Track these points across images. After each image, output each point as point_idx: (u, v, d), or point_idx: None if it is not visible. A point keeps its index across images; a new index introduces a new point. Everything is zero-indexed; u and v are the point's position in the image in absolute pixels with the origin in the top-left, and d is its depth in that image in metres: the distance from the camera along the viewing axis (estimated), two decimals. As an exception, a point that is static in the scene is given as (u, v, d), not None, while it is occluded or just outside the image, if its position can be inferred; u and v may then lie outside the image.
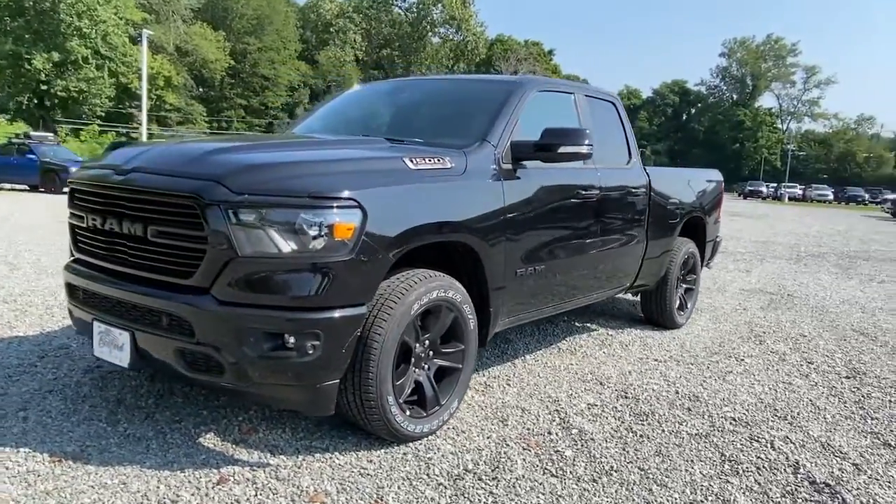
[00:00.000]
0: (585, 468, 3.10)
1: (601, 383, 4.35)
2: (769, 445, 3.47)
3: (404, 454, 3.12)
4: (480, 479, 2.92)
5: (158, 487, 2.71)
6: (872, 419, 3.95)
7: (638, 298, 6.31)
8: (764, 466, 3.21)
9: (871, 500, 2.93)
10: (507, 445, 3.28)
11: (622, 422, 3.69)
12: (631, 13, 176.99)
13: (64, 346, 4.48)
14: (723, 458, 3.29)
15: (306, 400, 2.92)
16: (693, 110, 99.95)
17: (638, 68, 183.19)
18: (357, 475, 2.89)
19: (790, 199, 61.87)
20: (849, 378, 4.78)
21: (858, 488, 3.04)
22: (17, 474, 2.74)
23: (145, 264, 2.91)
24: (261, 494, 2.71)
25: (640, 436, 3.51)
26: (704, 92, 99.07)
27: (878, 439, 3.64)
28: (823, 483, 3.07)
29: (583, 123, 4.49)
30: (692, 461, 3.23)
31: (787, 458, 3.32)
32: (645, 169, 5.26)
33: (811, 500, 2.90)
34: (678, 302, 5.99)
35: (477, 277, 3.50)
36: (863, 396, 4.38)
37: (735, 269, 10.22)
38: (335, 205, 2.75)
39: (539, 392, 4.09)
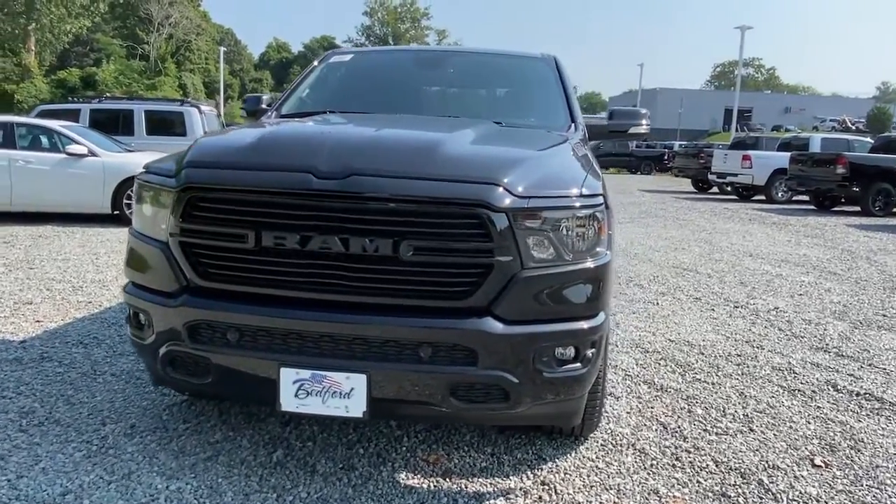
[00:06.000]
0: (735, 419, 3.46)
1: (616, 344, 4.72)
2: (792, 372, 4.26)
3: (602, 445, 3.11)
4: (689, 452, 3.09)
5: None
6: (826, 344, 5.07)
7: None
8: (817, 389, 3.96)
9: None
10: (658, 422, 3.48)
11: (684, 377, 4.13)
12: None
13: (28, 410, 3.23)
14: (785, 389, 3.96)
15: (569, 412, 2.74)
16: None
17: (288, 22, 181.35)
18: (609, 477, 2.83)
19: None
20: (774, 310, 5.92)
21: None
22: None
23: (392, 289, 2.36)
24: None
25: (712, 384, 4.00)
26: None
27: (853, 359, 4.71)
28: (866, 392, 3.93)
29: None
30: (775, 397, 3.83)
31: (818, 379, 4.13)
32: None
33: (866, 408, 3.72)
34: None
35: None
36: (788, 322, 5.52)
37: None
38: (599, 202, 2.58)
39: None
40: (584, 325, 2.51)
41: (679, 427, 3.35)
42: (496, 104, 3.92)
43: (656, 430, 3.31)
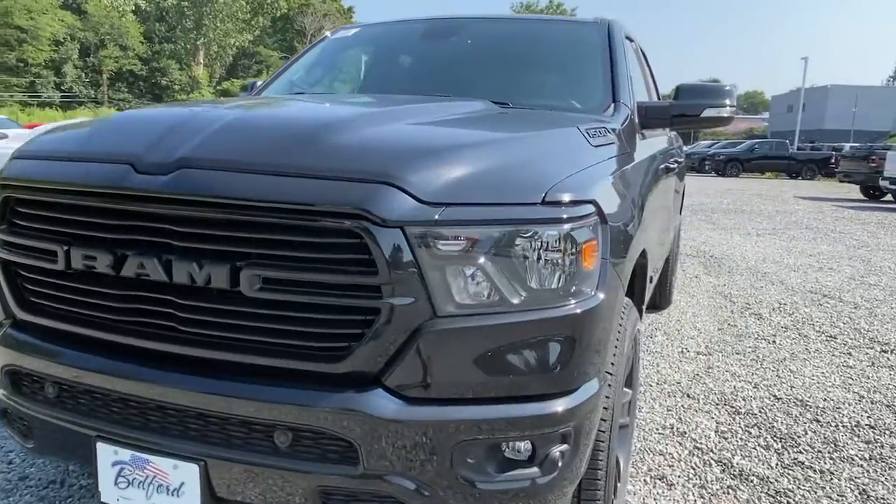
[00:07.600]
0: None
1: (696, 398, 3.61)
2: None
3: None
4: None
5: None
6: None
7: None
8: None
9: None
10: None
11: (780, 458, 2.98)
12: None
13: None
14: (936, 490, 2.70)
15: (530, 536, 1.81)
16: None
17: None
18: None
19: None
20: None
21: None
22: None
23: (232, 339, 1.57)
24: None
25: (821, 472, 2.82)
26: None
27: None
28: None
29: (646, 77, 3.65)
30: (916, 502, 2.60)
31: None
32: None
33: None
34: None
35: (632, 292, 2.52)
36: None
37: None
38: (582, 214, 1.63)
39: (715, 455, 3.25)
40: (553, 406, 1.59)
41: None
42: (517, 80, 2.98)
43: (709, 547, 2.26)
